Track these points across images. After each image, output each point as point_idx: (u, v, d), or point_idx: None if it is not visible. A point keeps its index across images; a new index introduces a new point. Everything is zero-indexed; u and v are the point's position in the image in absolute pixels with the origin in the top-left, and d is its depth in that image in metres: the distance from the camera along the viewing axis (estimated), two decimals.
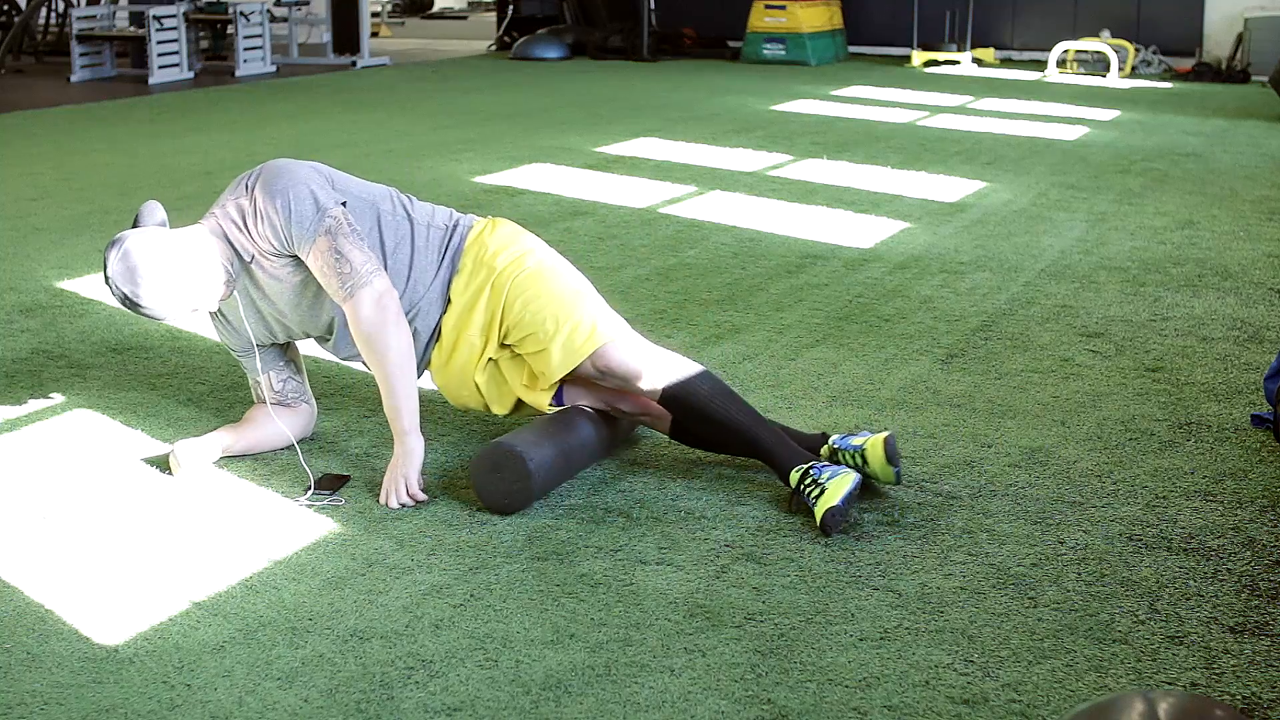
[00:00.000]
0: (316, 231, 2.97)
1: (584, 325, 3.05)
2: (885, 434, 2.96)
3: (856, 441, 3.00)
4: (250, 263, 3.07)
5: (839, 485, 2.82)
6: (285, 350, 3.30)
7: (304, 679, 2.28)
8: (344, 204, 3.04)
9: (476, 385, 3.18)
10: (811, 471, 2.89)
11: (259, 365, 3.25)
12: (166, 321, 3.03)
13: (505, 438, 2.96)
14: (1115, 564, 2.69)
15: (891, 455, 2.93)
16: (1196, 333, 4.22)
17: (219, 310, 3.20)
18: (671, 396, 3.01)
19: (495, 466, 2.91)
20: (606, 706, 2.20)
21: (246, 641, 2.40)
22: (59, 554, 2.73)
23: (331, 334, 3.19)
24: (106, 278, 2.97)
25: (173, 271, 2.97)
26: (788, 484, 2.94)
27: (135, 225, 3.05)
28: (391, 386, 3.00)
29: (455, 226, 3.21)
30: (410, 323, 3.12)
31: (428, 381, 3.40)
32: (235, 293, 3.12)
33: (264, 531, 2.85)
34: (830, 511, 2.79)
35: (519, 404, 3.22)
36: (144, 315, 3.01)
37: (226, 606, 2.53)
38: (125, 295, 2.96)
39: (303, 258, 3.02)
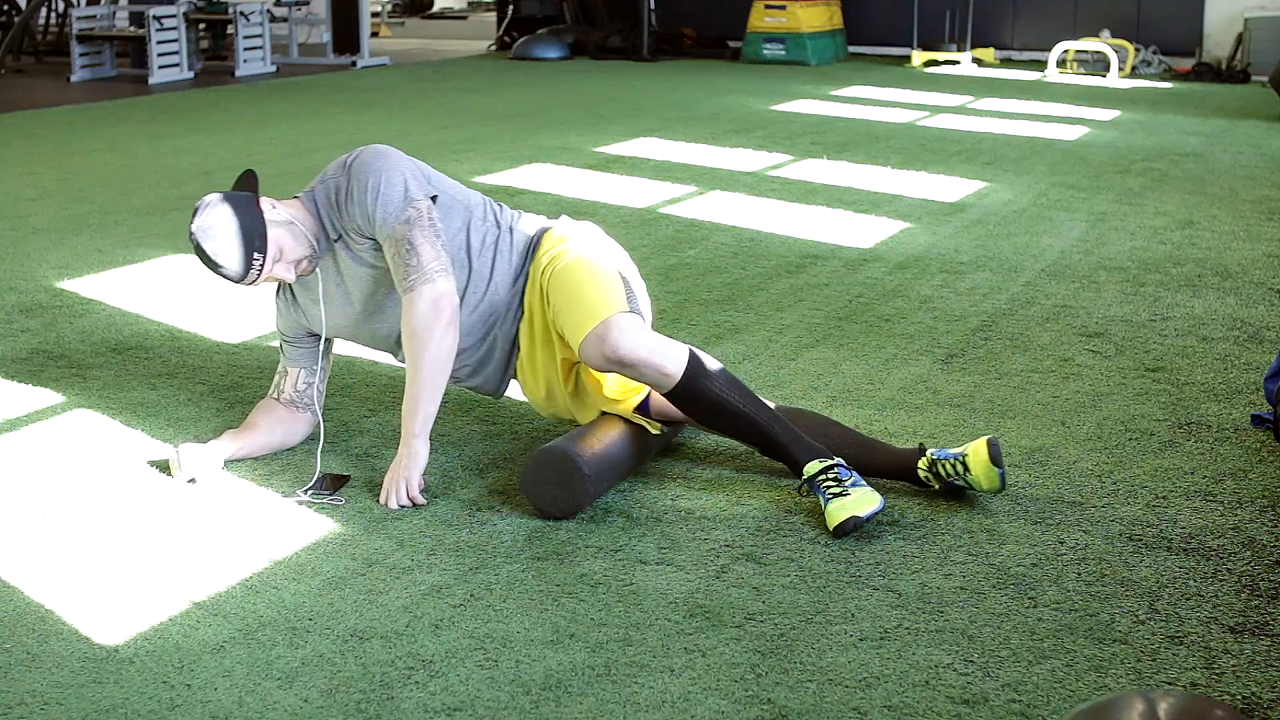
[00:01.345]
0: (398, 219, 3.00)
1: (597, 300, 2.98)
2: (987, 439, 2.92)
3: (955, 450, 2.96)
4: (337, 241, 3.10)
5: (866, 499, 2.80)
6: (324, 355, 3.30)
7: (304, 679, 2.28)
8: (434, 199, 3.06)
9: (562, 394, 3.16)
10: (836, 470, 2.86)
11: (298, 358, 3.26)
12: (243, 285, 3.05)
13: (569, 447, 2.92)
14: (1115, 564, 2.69)
15: (995, 456, 2.88)
16: (1196, 333, 4.22)
17: (290, 288, 3.22)
18: (684, 389, 2.96)
19: (555, 475, 2.87)
20: (606, 706, 2.20)
21: (246, 641, 2.40)
22: (59, 554, 2.73)
23: (396, 338, 3.17)
24: (190, 233, 3.03)
25: (251, 231, 3.00)
26: (800, 474, 2.91)
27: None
28: (418, 387, 3.00)
29: (538, 235, 3.22)
30: (490, 330, 3.15)
31: (515, 392, 3.39)
32: (318, 270, 3.13)
33: (264, 531, 2.85)
34: (853, 519, 2.77)
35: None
36: (221, 275, 3.05)
37: (226, 606, 2.53)
38: (202, 250, 3.02)
39: (380, 241, 3.04)
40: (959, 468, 2.92)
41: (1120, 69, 12.14)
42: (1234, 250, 5.31)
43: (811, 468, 2.89)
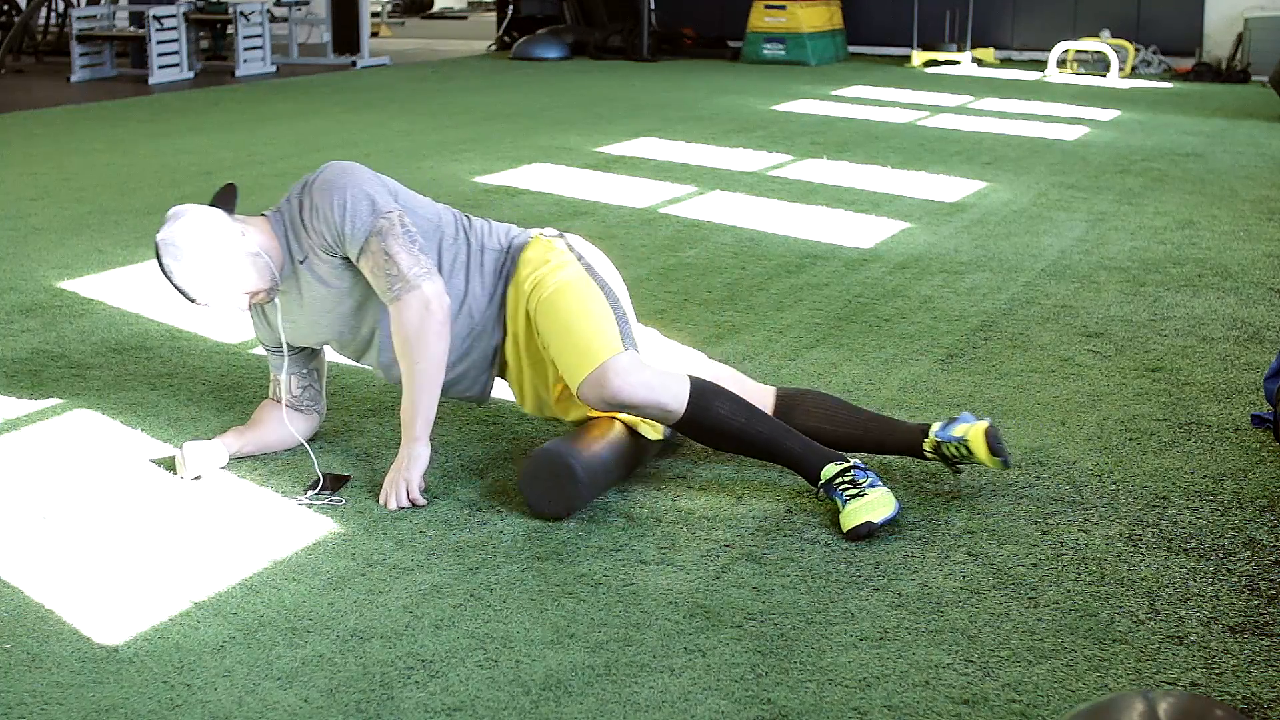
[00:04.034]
0: (369, 231, 2.97)
1: (590, 341, 2.95)
2: (985, 425, 2.93)
3: (957, 432, 2.96)
4: (302, 263, 3.06)
5: (883, 504, 2.80)
6: (311, 358, 3.29)
7: (304, 679, 2.28)
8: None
9: (560, 404, 3.15)
10: (854, 472, 2.86)
11: (285, 366, 3.24)
12: (194, 305, 3.01)
13: (565, 448, 2.92)
14: (1115, 564, 2.69)
15: (995, 448, 2.90)
16: (1196, 333, 4.22)
17: (258, 307, 3.19)
18: (690, 422, 2.95)
19: (552, 476, 2.87)
20: (606, 706, 2.20)
21: (246, 641, 2.40)
22: (59, 554, 2.73)
23: (369, 348, 3.15)
24: (155, 241, 2.99)
25: (215, 257, 2.95)
26: (815, 482, 2.91)
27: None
28: (415, 392, 2.99)
29: (509, 249, 3.14)
30: (469, 349, 3.12)
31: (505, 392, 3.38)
32: (277, 296, 3.10)
33: (264, 531, 2.85)
34: (867, 524, 2.77)
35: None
36: (181, 294, 2.99)
37: (226, 606, 2.53)
38: (163, 267, 2.97)
39: (353, 258, 3.01)
40: (963, 450, 2.94)
41: (1120, 69, 12.14)
42: (1234, 250, 5.31)
43: (828, 472, 2.89)
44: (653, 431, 3.11)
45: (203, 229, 2.98)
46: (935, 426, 3.01)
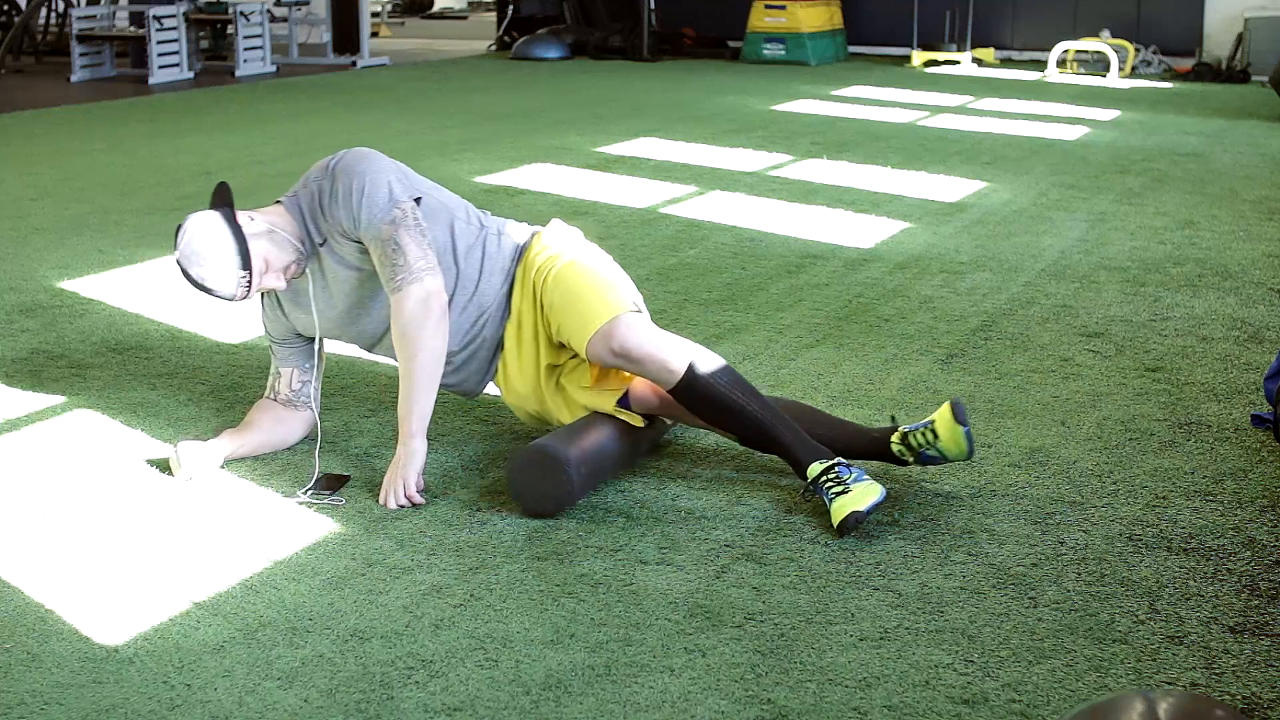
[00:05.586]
0: (384, 219, 3.02)
1: (603, 301, 3.03)
2: (951, 398, 2.97)
3: (925, 420, 3.00)
4: (323, 245, 3.11)
5: (867, 492, 2.81)
6: (314, 355, 3.31)
7: (304, 679, 2.28)
8: (418, 200, 3.08)
9: (543, 395, 3.17)
10: (837, 469, 2.87)
11: (289, 358, 3.27)
12: (236, 301, 3.06)
13: (550, 441, 2.93)
14: (1115, 564, 2.69)
15: (959, 414, 2.91)
16: (1196, 333, 4.22)
17: (274, 293, 3.22)
18: (689, 385, 2.97)
19: (540, 470, 2.88)
20: (606, 706, 2.20)
21: (246, 641, 2.40)
22: (59, 554, 2.73)
23: (386, 334, 3.19)
24: (176, 261, 3.06)
25: (232, 247, 3.01)
26: (803, 477, 2.93)
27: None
28: (412, 386, 3.01)
29: (526, 237, 3.26)
30: (480, 331, 3.17)
31: (494, 390, 3.40)
32: (307, 272, 3.15)
33: (264, 531, 2.85)
34: (854, 514, 2.78)
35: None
36: (212, 296, 3.07)
37: (226, 606, 2.53)
38: (189, 275, 3.04)
39: (365, 243, 3.05)
40: (929, 436, 2.95)
41: (1120, 69, 12.14)
42: (1234, 250, 5.31)
43: (814, 470, 2.90)
44: (633, 420, 3.11)
45: (209, 229, 3.03)
46: (905, 424, 3.05)
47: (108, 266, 5.10)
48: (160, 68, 11.95)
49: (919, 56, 13.15)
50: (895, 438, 3.00)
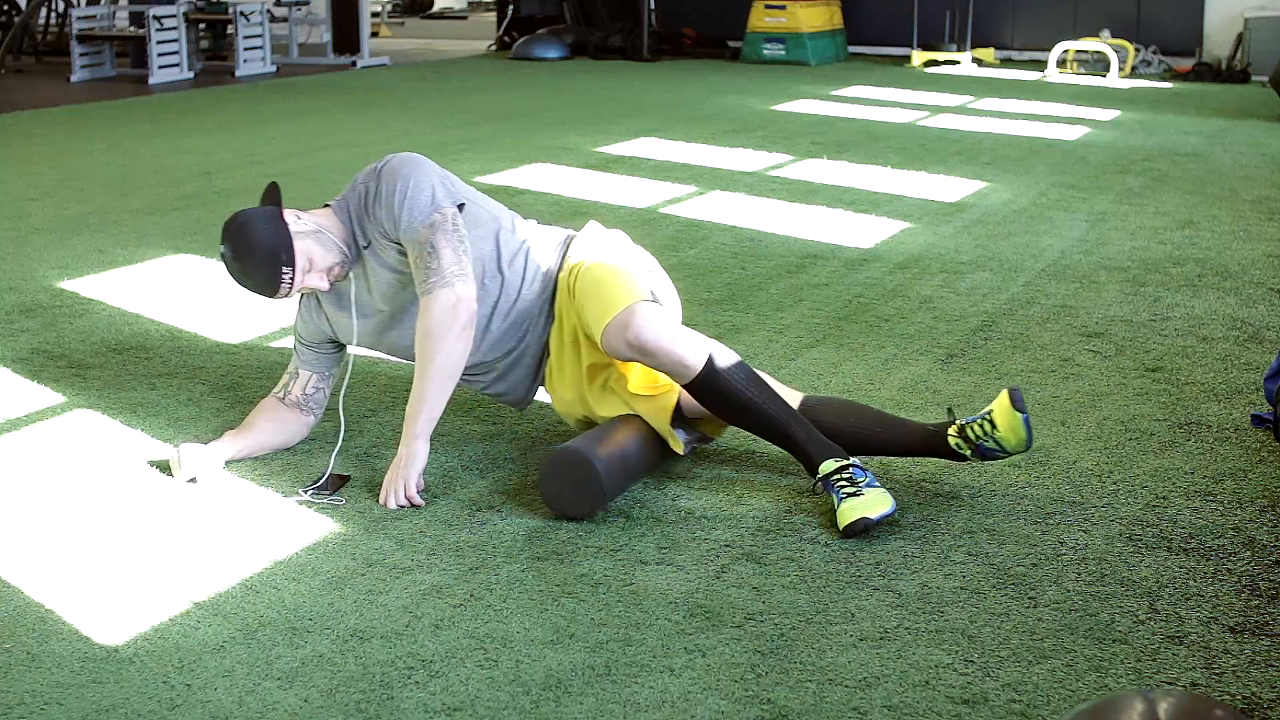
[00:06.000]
0: (423, 223, 3.03)
1: (622, 289, 3.01)
2: (1009, 387, 2.95)
3: (982, 410, 2.99)
4: (367, 248, 3.13)
5: (879, 501, 2.80)
6: (336, 362, 3.32)
7: (304, 679, 2.28)
8: (461, 207, 3.09)
9: (587, 398, 3.15)
10: (852, 470, 2.86)
11: (312, 363, 3.28)
12: (278, 299, 3.10)
13: (583, 447, 2.91)
14: (1115, 564, 2.69)
15: (1017, 401, 2.89)
16: (1196, 333, 4.22)
17: (315, 294, 3.23)
18: (705, 382, 2.95)
19: (575, 478, 2.86)
20: (606, 706, 2.20)
21: (246, 641, 2.40)
22: (59, 554, 2.73)
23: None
24: (220, 254, 3.10)
25: (275, 245, 3.03)
26: (814, 474, 2.92)
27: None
28: (426, 387, 3.00)
29: (565, 239, 3.29)
30: (523, 338, 3.18)
31: (543, 396, 3.40)
32: (350, 276, 3.16)
33: (264, 531, 2.85)
34: (864, 520, 2.77)
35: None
36: (255, 292, 3.10)
37: (226, 606, 2.53)
38: (233, 269, 3.07)
39: (404, 245, 3.06)
40: (986, 427, 2.93)
41: (1120, 69, 12.14)
42: (1234, 250, 5.31)
43: (826, 466, 2.89)
44: (675, 446, 3.08)
45: (255, 224, 3.06)
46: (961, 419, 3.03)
47: (107, 266, 5.10)
48: (160, 68, 11.95)
49: (919, 56, 13.15)
50: (952, 430, 2.98)
